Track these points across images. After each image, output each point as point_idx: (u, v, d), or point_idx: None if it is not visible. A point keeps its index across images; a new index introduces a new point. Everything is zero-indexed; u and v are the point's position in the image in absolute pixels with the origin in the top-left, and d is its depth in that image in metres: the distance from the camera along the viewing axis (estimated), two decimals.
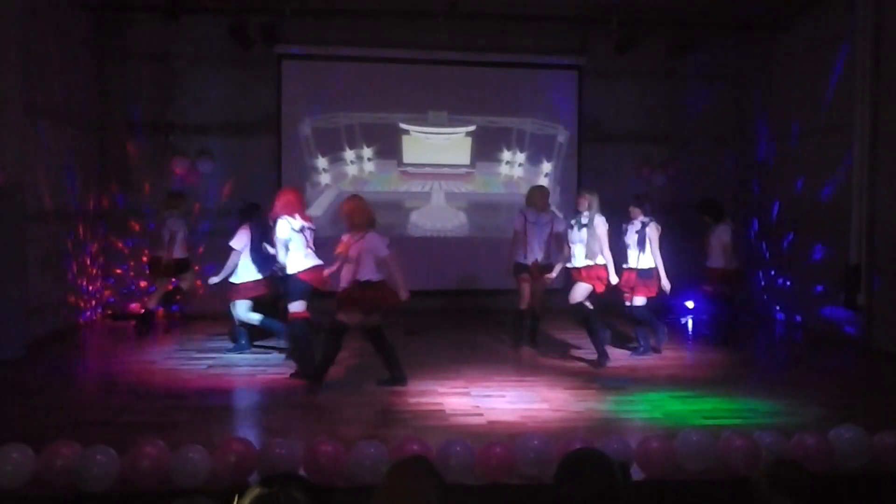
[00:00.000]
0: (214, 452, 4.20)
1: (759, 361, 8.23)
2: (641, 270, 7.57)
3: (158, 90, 10.14)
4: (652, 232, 7.58)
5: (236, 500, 1.96)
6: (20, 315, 7.41)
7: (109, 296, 10.14)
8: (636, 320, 7.78)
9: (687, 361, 7.76)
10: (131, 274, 10.18)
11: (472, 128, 10.89)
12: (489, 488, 4.21)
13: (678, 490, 4.30)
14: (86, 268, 9.50)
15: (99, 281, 9.95)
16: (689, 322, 10.08)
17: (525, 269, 7.74)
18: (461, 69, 10.77)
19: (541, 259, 7.74)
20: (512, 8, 9.76)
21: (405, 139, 10.81)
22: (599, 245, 7.31)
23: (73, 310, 9.16)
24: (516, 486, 4.23)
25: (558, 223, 7.79)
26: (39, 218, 8.19)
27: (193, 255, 9.34)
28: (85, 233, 9.48)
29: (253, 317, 7.70)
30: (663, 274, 7.58)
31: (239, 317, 7.74)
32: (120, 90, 10.07)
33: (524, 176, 11.01)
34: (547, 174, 11.06)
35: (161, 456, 4.13)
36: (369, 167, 10.76)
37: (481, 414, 5.66)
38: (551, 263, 7.76)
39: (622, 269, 7.64)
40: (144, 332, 8.69)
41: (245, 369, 7.10)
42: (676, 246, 8.71)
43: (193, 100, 10.21)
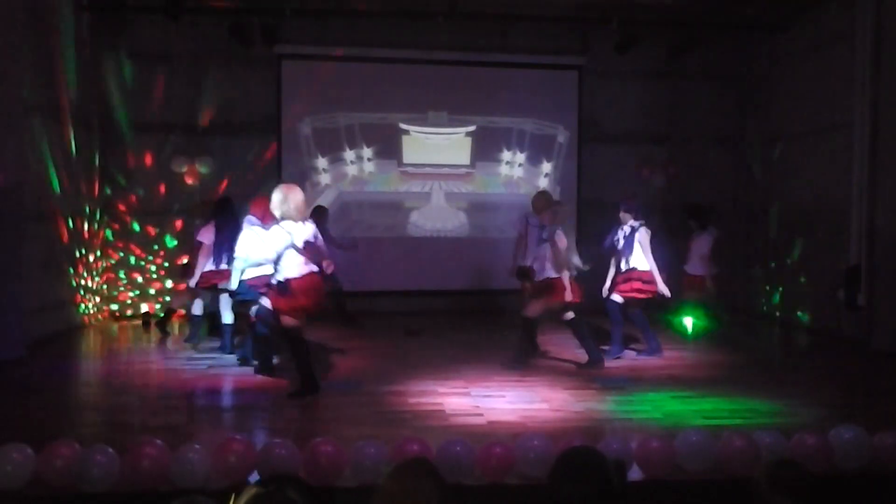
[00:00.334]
0: (214, 452, 4.20)
1: (760, 361, 8.22)
2: (636, 270, 7.46)
3: (158, 90, 10.14)
4: (643, 237, 7.45)
5: (233, 500, 1.96)
6: (20, 315, 7.41)
7: (109, 296, 10.14)
8: (631, 321, 7.69)
9: (687, 361, 7.75)
10: (133, 275, 10.19)
11: (472, 128, 10.89)
12: (489, 488, 4.21)
13: (678, 490, 4.30)
14: (85, 267, 9.50)
15: (99, 281, 9.94)
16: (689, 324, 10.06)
17: (526, 275, 7.76)
18: (461, 69, 10.77)
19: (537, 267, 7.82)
20: (512, 8, 9.76)
21: (405, 139, 10.81)
22: (562, 257, 7.05)
23: (73, 309, 9.15)
24: (516, 486, 4.23)
25: (558, 232, 7.78)
26: (39, 218, 8.19)
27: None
28: (85, 233, 9.48)
29: (228, 315, 7.72)
30: (659, 278, 7.45)
31: (220, 309, 7.80)
32: (120, 90, 10.06)
33: (524, 176, 11.02)
34: (547, 174, 11.07)
35: (161, 456, 4.12)
36: (369, 167, 10.76)
37: (481, 414, 5.66)
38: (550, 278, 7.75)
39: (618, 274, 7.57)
40: (166, 331, 8.91)
41: (245, 369, 7.09)
42: (677, 246, 8.73)
43: (193, 100, 10.20)
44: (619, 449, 4.27)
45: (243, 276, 6.73)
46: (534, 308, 7.21)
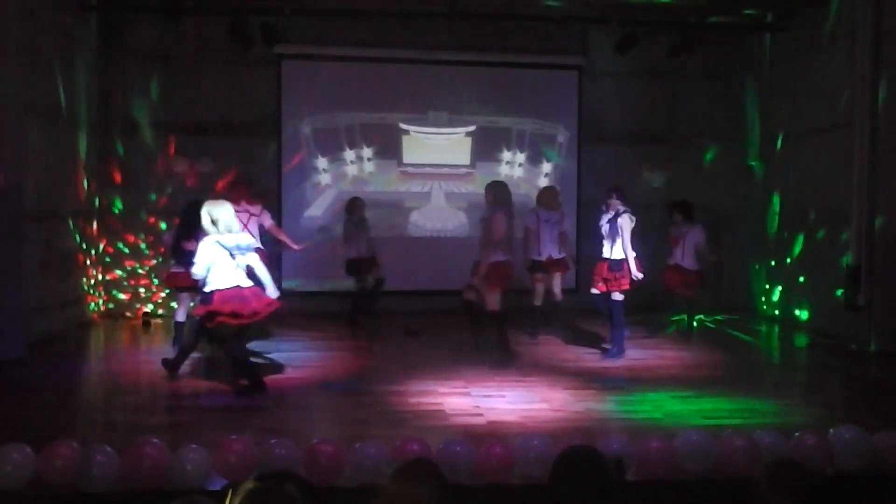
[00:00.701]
0: (214, 452, 4.20)
1: (760, 361, 8.23)
2: (613, 261, 7.42)
3: (158, 90, 10.14)
4: (625, 222, 7.37)
5: (229, 497, 1.95)
6: (20, 315, 7.41)
7: (109, 295, 10.13)
8: (611, 316, 7.65)
9: (687, 361, 7.75)
10: (133, 275, 10.19)
11: (472, 128, 10.89)
12: (489, 488, 4.21)
13: (678, 490, 4.30)
14: (85, 268, 9.49)
15: (99, 281, 9.94)
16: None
17: (540, 267, 8.30)
18: (461, 69, 10.76)
19: (554, 255, 8.34)
20: (512, 8, 9.76)
21: (405, 139, 10.81)
22: (495, 239, 7.10)
23: (73, 310, 9.15)
24: (516, 486, 4.23)
25: (568, 221, 8.34)
26: (39, 218, 8.18)
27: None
28: (85, 233, 9.48)
29: (180, 315, 7.72)
30: (633, 265, 7.37)
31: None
32: (120, 90, 10.07)
33: (524, 176, 11.01)
34: (547, 174, 11.06)
35: (161, 456, 4.13)
36: (369, 167, 10.76)
37: (481, 414, 5.66)
38: (564, 258, 8.33)
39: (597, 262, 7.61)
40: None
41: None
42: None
43: (193, 100, 10.19)
44: (619, 449, 4.27)
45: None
46: (492, 301, 7.24)
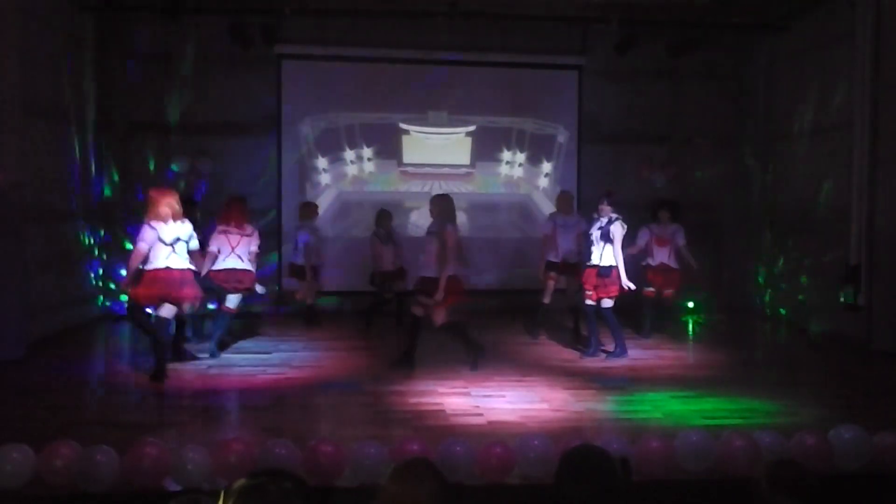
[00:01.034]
0: (214, 452, 4.20)
1: (760, 361, 8.23)
2: (602, 268, 7.41)
3: (158, 90, 10.14)
4: (616, 229, 7.39)
5: (222, 497, 1.94)
6: (20, 315, 7.41)
7: (110, 295, 10.13)
8: (602, 320, 7.62)
9: (687, 361, 7.75)
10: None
11: (472, 128, 10.89)
12: (489, 488, 4.21)
13: (678, 490, 4.30)
14: (85, 268, 9.49)
15: (98, 281, 9.94)
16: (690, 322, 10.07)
17: (555, 268, 8.45)
18: (461, 69, 10.76)
19: (570, 258, 8.51)
20: (512, 8, 9.75)
21: (405, 139, 10.81)
22: (447, 255, 6.91)
23: (74, 310, 9.15)
24: (516, 486, 4.23)
25: (584, 224, 8.31)
26: (39, 218, 8.18)
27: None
28: (84, 233, 9.47)
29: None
30: (623, 273, 7.40)
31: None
32: (120, 90, 10.07)
33: (524, 176, 11.02)
34: (547, 174, 11.07)
35: (161, 456, 4.13)
36: (369, 167, 10.76)
37: (481, 414, 5.66)
38: (580, 261, 8.35)
39: (586, 268, 7.62)
40: (314, 323, 9.26)
41: (245, 369, 7.09)
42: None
43: (193, 100, 10.19)
44: (619, 449, 4.27)
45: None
46: (440, 315, 6.99)
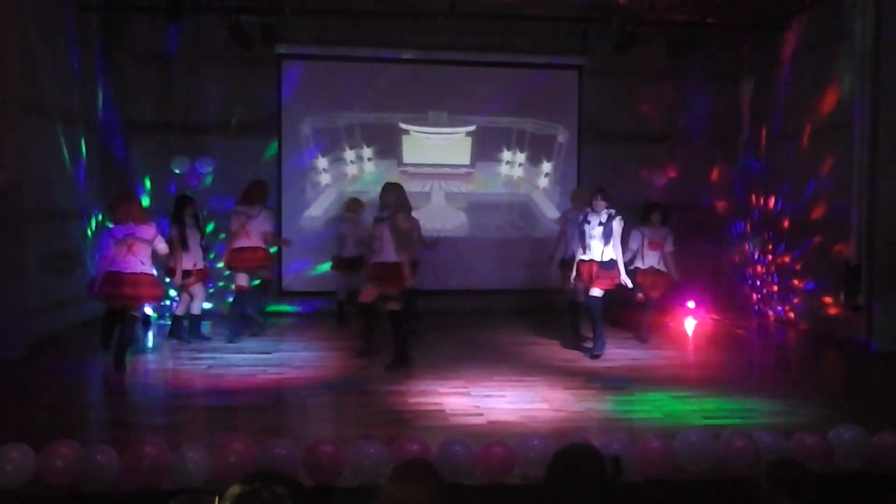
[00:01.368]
0: (214, 452, 4.20)
1: (760, 362, 8.22)
2: (604, 262, 7.43)
3: (158, 90, 10.14)
4: (617, 226, 7.44)
5: (216, 501, 1.92)
6: (20, 315, 7.42)
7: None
8: (589, 314, 7.62)
9: (687, 361, 7.75)
10: None
11: (472, 128, 10.89)
12: (489, 488, 4.21)
13: (678, 490, 4.30)
14: (85, 267, 9.48)
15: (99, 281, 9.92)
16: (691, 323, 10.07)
17: (568, 265, 8.24)
18: (461, 69, 10.76)
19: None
20: (512, 8, 9.75)
21: (405, 139, 10.81)
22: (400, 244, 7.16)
23: (73, 310, 9.14)
24: (516, 486, 4.23)
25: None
26: (39, 218, 8.18)
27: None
28: (85, 232, 9.47)
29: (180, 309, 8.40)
30: (623, 269, 7.46)
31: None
32: (120, 90, 10.07)
33: (524, 176, 11.02)
34: (547, 174, 11.06)
35: (161, 456, 4.13)
36: (369, 167, 10.76)
37: (481, 414, 5.66)
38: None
39: (578, 263, 7.60)
40: (343, 321, 9.40)
41: (245, 369, 7.09)
42: (679, 247, 8.69)
43: (193, 100, 10.19)
44: (619, 449, 4.27)
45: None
46: (368, 293, 7.37)
